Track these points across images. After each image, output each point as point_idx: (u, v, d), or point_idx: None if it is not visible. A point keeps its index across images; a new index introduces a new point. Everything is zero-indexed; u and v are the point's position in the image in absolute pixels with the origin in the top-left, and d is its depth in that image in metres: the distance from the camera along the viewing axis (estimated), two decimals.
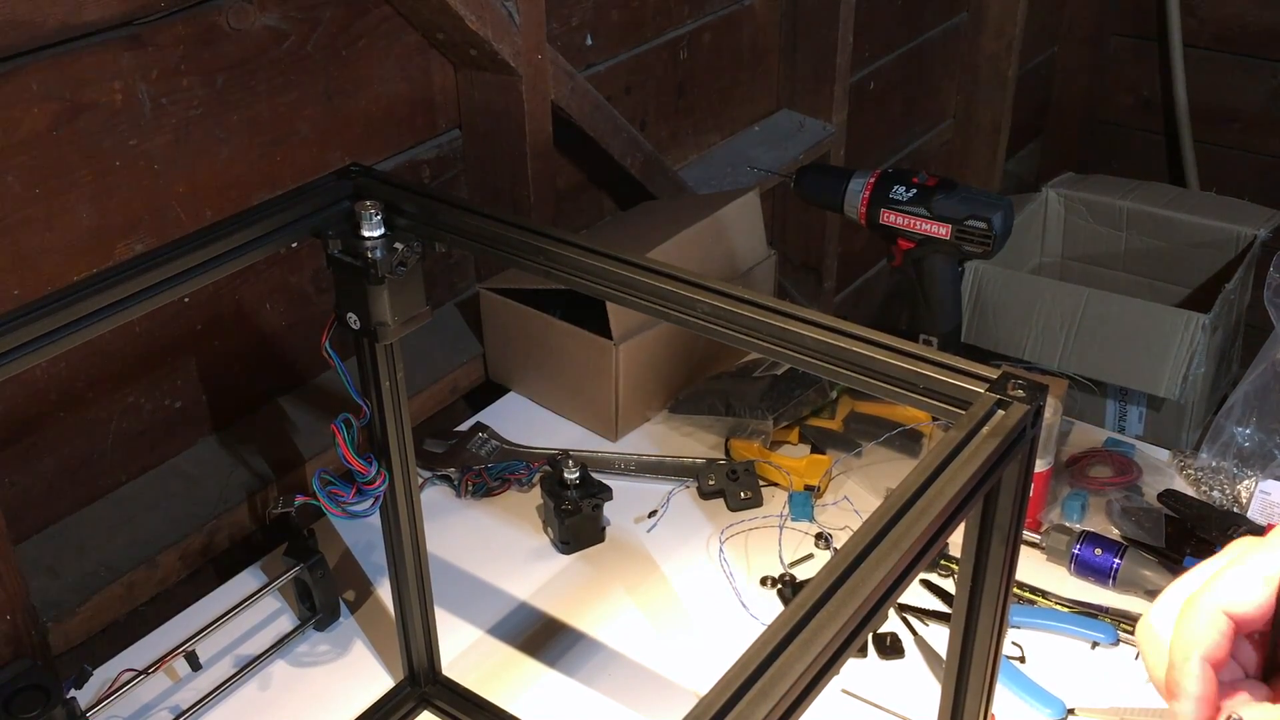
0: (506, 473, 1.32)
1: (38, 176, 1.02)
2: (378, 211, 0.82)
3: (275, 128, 1.20)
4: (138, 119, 1.08)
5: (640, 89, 1.64)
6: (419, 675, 1.07)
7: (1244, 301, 2.18)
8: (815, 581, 0.49)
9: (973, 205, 1.35)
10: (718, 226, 1.47)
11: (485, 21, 1.27)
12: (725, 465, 1.32)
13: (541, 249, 0.77)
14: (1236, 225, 2.18)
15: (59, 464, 1.13)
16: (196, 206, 1.15)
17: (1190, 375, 1.91)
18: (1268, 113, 2.56)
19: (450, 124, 1.41)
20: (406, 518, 0.96)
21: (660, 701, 1.07)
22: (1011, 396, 0.60)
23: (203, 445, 1.26)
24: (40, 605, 1.04)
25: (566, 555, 1.24)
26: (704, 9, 1.70)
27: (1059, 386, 1.44)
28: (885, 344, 0.65)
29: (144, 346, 1.16)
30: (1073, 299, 1.98)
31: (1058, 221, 2.37)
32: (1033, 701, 1.05)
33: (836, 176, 1.46)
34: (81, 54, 1.02)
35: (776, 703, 0.44)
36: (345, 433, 0.86)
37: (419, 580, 1.00)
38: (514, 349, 1.45)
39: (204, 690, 1.06)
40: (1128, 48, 2.70)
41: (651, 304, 0.73)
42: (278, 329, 1.29)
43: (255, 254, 0.80)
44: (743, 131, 1.88)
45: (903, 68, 2.22)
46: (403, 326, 0.85)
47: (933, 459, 0.56)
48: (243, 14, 1.13)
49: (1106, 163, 2.71)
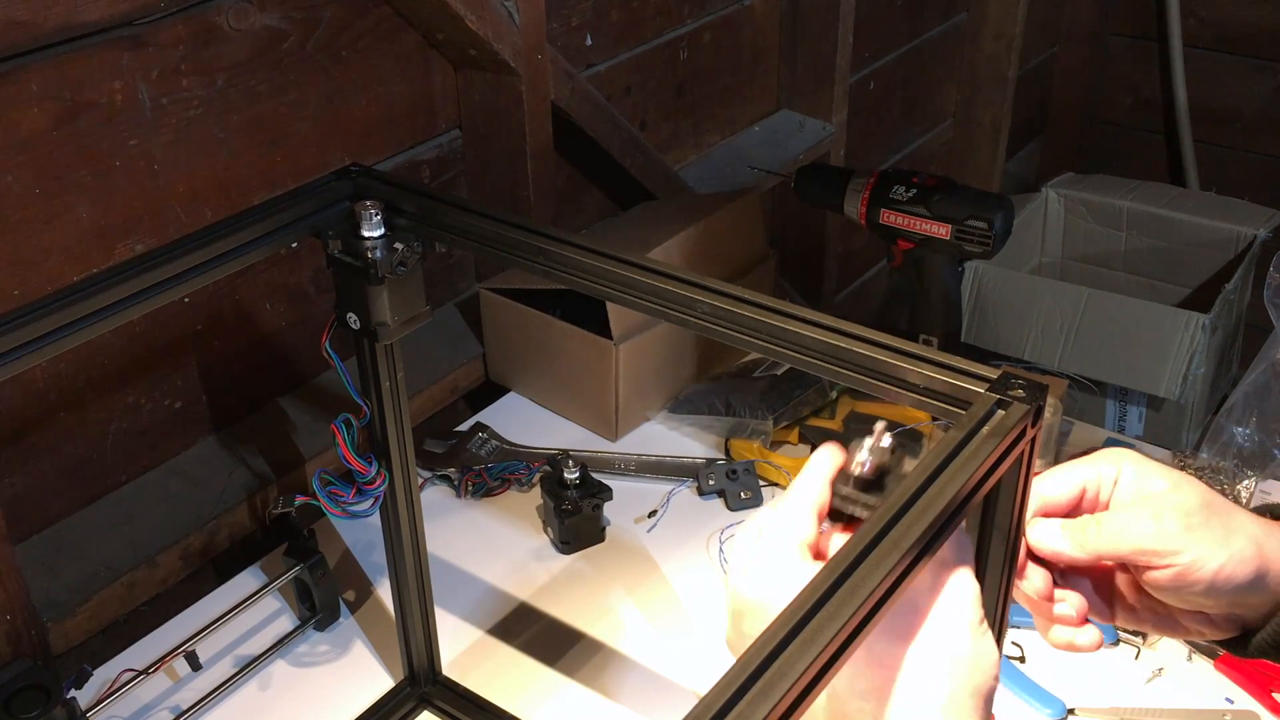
0: (506, 473, 1.32)
1: (38, 176, 1.02)
2: (378, 211, 0.82)
3: (275, 128, 1.20)
4: (138, 119, 1.08)
5: (640, 89, 1.64)
6: (419, 675, 1.07)
7: (1244, 301, 2.18)
8: (815, 581, 0.49)
9: (973, 205, 1.35)
10: (718, 226, 1.47)
11: (485, 21, 1.27)
12: (725, 465, 1.32)
13: (541, 249, 0.77)
14: (1236, 225, 2.18)
15: (59, 464, 1.13)
16: (196, 206, 1.15)
17: (1190, 375, 1.91)
18: (1268, 113, 2.56)
19: (450, 124, 1.41)
20: (406, 518, 0.96)
21: (660, 701, 1.07)
22: (1011, 397, 0.60)
23: (203, 445, 1.26)
24: (40, 605, 1.04)
25: (566, 555, 1.24)
26: (704, 9, 1.70)
27: (1059, 386, 1.44)
28: (885, 344, 0.65)
29: (144, 346, 1.16)
30: (1073, 299, 1.98)
31: (1058, 221, 2.37)
32: (1033, 701, 1.05)
33: (836, 176, 1.46)
34: (81, 54, 1.02)
35: (777, 703, 0.44)
36: (345, 433, 0.86)
37: (419, 580, 1.00)
38: (514, 349, 1.45)
39: (204, 690, 1.06)
40: (1128, 48, 2.70)
41: (651, 304, 0.73)
42: (278, 329, 1.29)
43: (255, 254, 0.80)
44: (743, 131, 1.88)
45: (903, 68, 2.22)
46: (403, 326, 0.85)
47: (933, 459, 0.56)
48: (243, 14, 1.13)
49: (1106, 163, 2.70)
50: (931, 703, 0.55)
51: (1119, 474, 0.67)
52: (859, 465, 0.60)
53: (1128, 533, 0.64)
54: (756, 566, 0.59)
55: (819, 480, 0.61)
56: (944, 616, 0.57)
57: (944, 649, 0.56)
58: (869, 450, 0.60)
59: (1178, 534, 0.63)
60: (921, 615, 0.57)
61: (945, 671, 0.55)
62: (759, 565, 0.58)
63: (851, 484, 0.60)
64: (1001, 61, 2.37)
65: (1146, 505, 0.65)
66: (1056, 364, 1.99)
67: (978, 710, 0.56)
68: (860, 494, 0.60)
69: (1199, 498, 0.65)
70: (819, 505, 0.61)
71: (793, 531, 0.59)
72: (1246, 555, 0.64)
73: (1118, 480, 0.67)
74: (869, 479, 0.60)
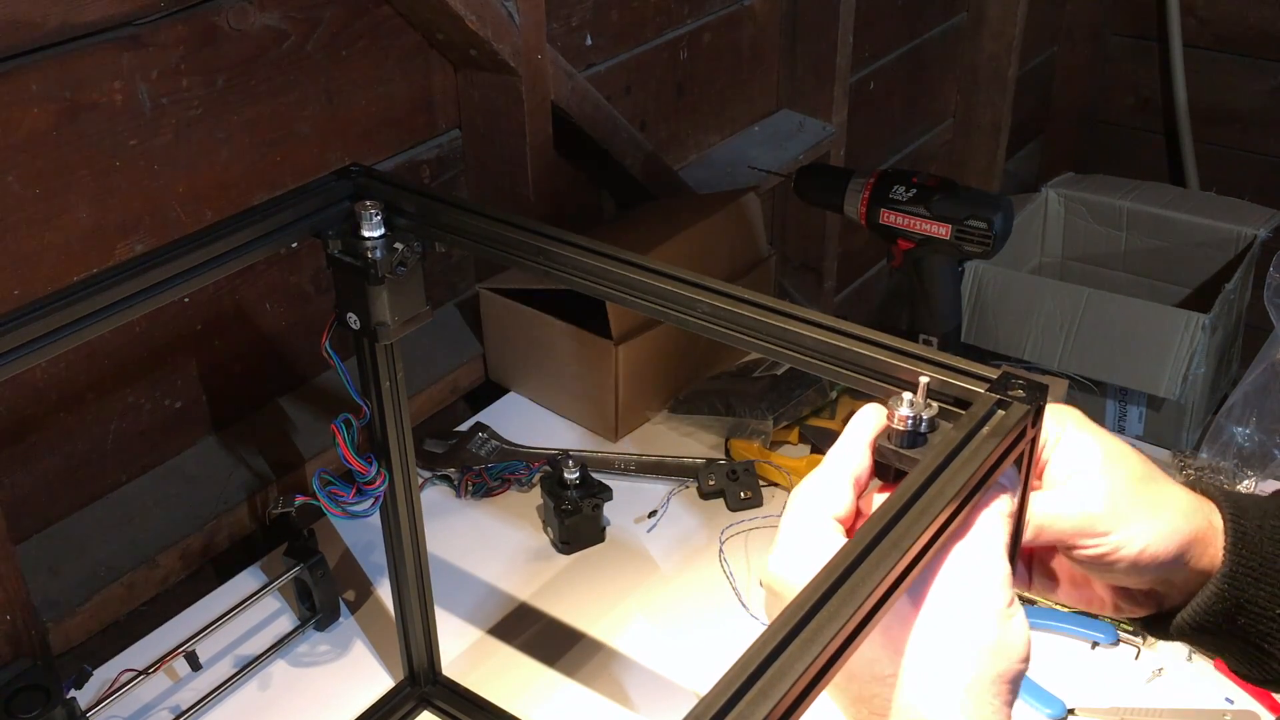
0: (506, 473, 1.32)
1: (38, 176, 1.02)
2: (378, 211, 0.82)
3: (275, 128, 1.20)
4: (138, 119, 1.08)
5: (640, 89, 1.64)
6: (419, 675, 1.07)
7: (1244, 301, 2.18)
8: (815, 581, 0.49)
9: (973, 205, 1.35)
10: (718, 226, 1.47)
11: (485, 21, 1.27)
12: (725, 465, 1.32)
13: (541, 249, 0.77)
14: (1236, 225, 2.18)
15: (59, 464, 1.13)
16: (196, 206, 1.15)
17: (1190, 375, 1.91)
18: (1268, 113, 2.56)
19: (450, 124, 1.41)
20: (406, 518, 0.96)
21: (660, 701, 1.07)
22: (1012, 397, 0.60)
23: (203, 445, 1.26)
24: (40, 605, 1.04)
25: (566, 555, 1.24)
26: (704, 9, 1.70)
27: (1059, 386, 1.44)
28: (885, 344, 0.65)
29: (144, 346, 1.16)
30: (1073, 299, 1.98)
31: (1058, 221, 2.37)
32: (1033, 701, 1.05)
33: (836, 176, 1.46)
34: (81, 54, 1.02)
35: (777, 703, 0.44)
36: (345, 433, 0.86)
37: (419, 580, 1.00)
38: (514, 349, 1.45)
39: (204, 690, 1.06)
40: (1128, 48, 2.70)
41: (651, 304, 0.73)
42: (278, 329, 1.29)
43: (255, 254, 0.80)
44: (743, 131, 1.88)
45: (903, 68, 2.22)
46: (403, 326, 0.85)
47: (933, 459, 0.56)
48: (243, 14, 1.13)
49: (1106, 163, 2.71)
50: (953, 688, 0.54)
51: (1062, 435, 0.63)
52: (903, 421, 0.59)
53: (1054, 525, 0.62)
54: (785, 542, 0.57)
55: (858, 445, 0.60)
56: (971, 601, 0.55)
57: (968, 635, 0.55)
58: (911, 405, 0.59)
59: (1103, 515, 0.61)
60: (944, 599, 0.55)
61: (969, 657, 0.54)
62: (788, 541, 0.57)
63: (895, 440, 0.59)
64: (1001, 61, 2.37)
65: (1075, 483, 0.63)
66: (1056, 364, 1.99)
67: (1000, 695, 0.54)
68: (906, 451, 0.59)
69: (1130, 470, 0.63)
70: (857, 472, 0.59)
71: (825, 503, 0.58)
72: (1174, 529, 0.62)
73: (1060, 441, 0.63)
74: (915, 434, 0.59)
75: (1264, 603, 0.64)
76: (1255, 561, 0.64)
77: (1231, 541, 0.64)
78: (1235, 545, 0.64)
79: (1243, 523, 0.65)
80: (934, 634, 0.55)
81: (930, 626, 0.55)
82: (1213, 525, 0.64)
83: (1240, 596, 0.64)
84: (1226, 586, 0.64)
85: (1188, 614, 0.65)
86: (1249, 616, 0.64)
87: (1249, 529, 0.64)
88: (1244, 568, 0.64)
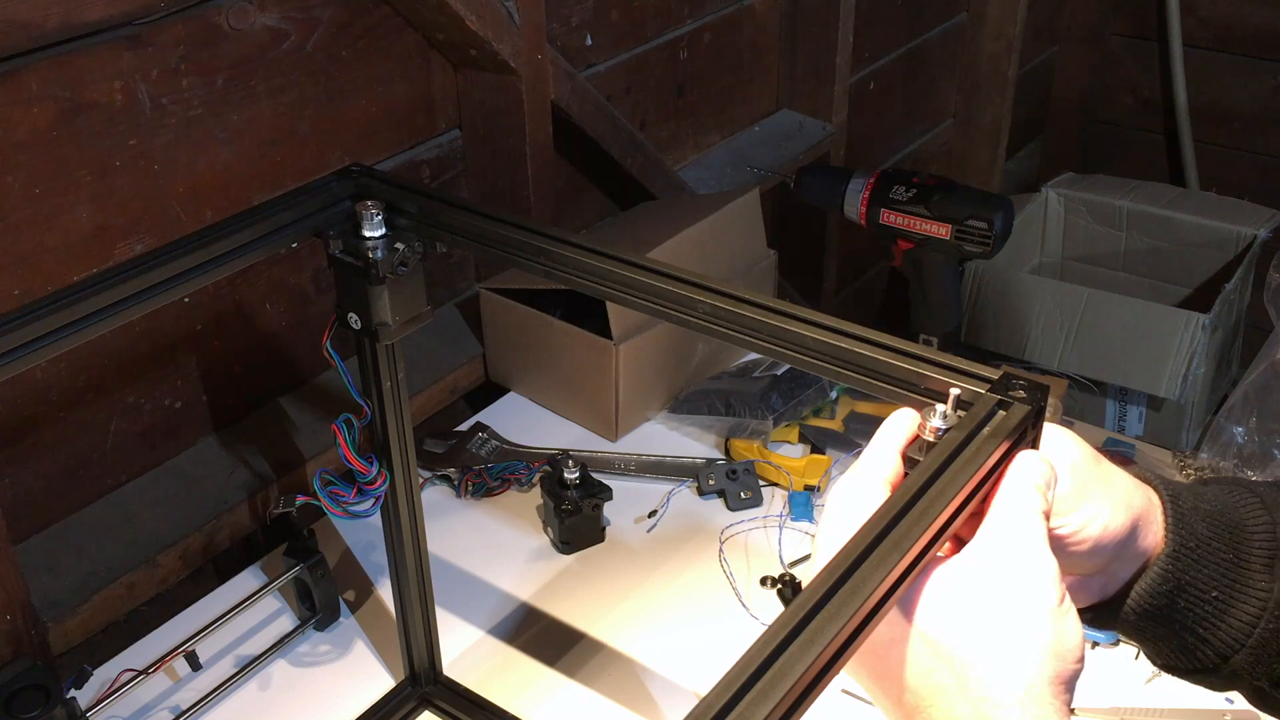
0: (506, 473, 1.32)
1: (38, 176, 1.02)
2: (378, 211, 0.82)
3: (275, 128, 1.20)
4: (138, 119, 1.08)
5: (640, 89, 1.64)
6: (420, 675, 1.07)
7: (1244, 301, 2.18)
8: (815, 581, 0.49)
9: (973, 205, 1.35)
10: (718, 226, 1.47)
11: (485, 21, 1.27)
12: (725, 465, 1.32)
13: (541, 249, 0.77)
14: (1236, 225, 2.18)
15: (59, 464, 1.13)
16: (196, 206, 1.15)
17: (1190, 375, 1.91)
18: (1268, 113, 2.56)
19: (450, 124, 1.41)
20: (407, 518, 0.96)
21: (660, 701, 1.07)
22: (1013, 397, 0.60)
23: (203, 445, 1.25)
24: (40, 605, 1.04)
25: (566, 555, 1.24)
26: (704, 9, 1.70)
27: (1059, 386, 1.44)
28: (885, 344, 0.65)
29: (144, 346, 1.16)
30: (1073, 299, 1.98)
31: (1058, 221, 2.37)
32: None
33: (836, 176, 1.46)
34: (81, 54, 1.02)
35: (777, 703, 0.44)
36: (346, 433, 0.86)
37: (419, 580, 1.00)
38: (514, 349, 1.45)
39: (204, 690, 1.06)
40: (1128, 48, 2.70)
41: (651, 304, 0.73)
42: (278, 329, 1.29)
43: (255, 254, 0.80)
44: (743, 131, 1.88)
45: (903, 68, 2.22)
46: (404, 326, 0.85)
47: (933, 459, 0.56)
48: (243, 14, 1.13)
49: (1106, 163, 2.71)
50: (1012, 692, 0.53)
51: None
52: (934, 433, 0.59)
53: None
54: (826, 549, 0.57)
55: (890, 451, 0.60)
56: (1022, 602, 0.54)
57: (1025, 637, 0.53)
58: (944, 417, 0.59)
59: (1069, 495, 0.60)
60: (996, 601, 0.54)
61: (1028, 660, 0.53)
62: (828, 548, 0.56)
63: (926, 452, 0.59)
64: (1001, 61, 2.37)
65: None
66: (1056, 364, 1.99)
67: (1059, 697, 0.53)
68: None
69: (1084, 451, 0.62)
70: (891, 477, 0.59)
71: (861, 509, 0.57)
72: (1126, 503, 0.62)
73: None
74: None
75: (1202, 584, 0.64)
76: (1193, 542, 0.64)
77: (1172, 521, 0.64)
78: (1175, 525, 0.64)
79: (1180, 503, 0.65)
80: (989, 638, 0.54)
81: (984, 630, 0.54)
82: (1153, 503, 0.64)
83: (1182, 577, 0.64)
84: (1171, 566, 0.64)
85: (1135, 596, 0.64)
86: (1188, 599, 0.64)
87: (1185, 510, 0.64)
88: (1184, 547, 0.64)
